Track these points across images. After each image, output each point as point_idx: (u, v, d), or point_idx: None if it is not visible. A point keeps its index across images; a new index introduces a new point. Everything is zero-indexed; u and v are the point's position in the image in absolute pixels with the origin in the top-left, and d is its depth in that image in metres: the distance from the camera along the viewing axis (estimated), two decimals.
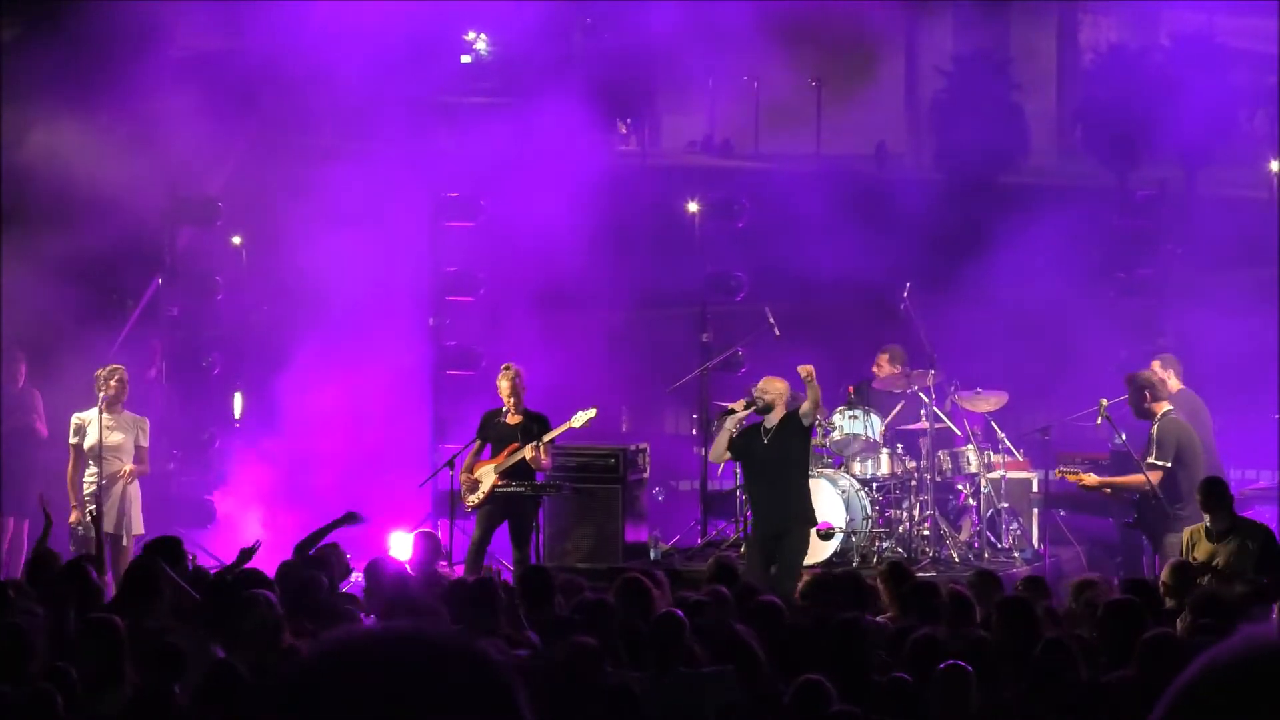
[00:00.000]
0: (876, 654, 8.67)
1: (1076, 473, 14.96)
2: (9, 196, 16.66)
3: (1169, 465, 14.01)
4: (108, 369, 14.57)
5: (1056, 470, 15.35)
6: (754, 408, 13.94)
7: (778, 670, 8.30)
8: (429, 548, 12.49)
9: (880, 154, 19.16)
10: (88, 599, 9.30)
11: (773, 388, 14.05)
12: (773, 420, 13.92)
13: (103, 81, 16.80)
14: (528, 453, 14.56)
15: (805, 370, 13.75)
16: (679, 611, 8.84)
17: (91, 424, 14.35)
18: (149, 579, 9.33)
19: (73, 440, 14.44)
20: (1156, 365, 15.14)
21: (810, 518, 14.00)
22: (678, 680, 8.24)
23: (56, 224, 16.42)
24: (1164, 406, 14.38)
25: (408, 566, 11.71)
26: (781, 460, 13.90)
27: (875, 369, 17.10)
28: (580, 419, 14.64)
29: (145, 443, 14.58)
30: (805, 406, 13.78)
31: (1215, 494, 12.31)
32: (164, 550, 10.39)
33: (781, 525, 13.77)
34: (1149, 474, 13.99)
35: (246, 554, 11.11)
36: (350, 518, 11.92)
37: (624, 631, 9.00)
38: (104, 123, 16.74)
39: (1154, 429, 14.26)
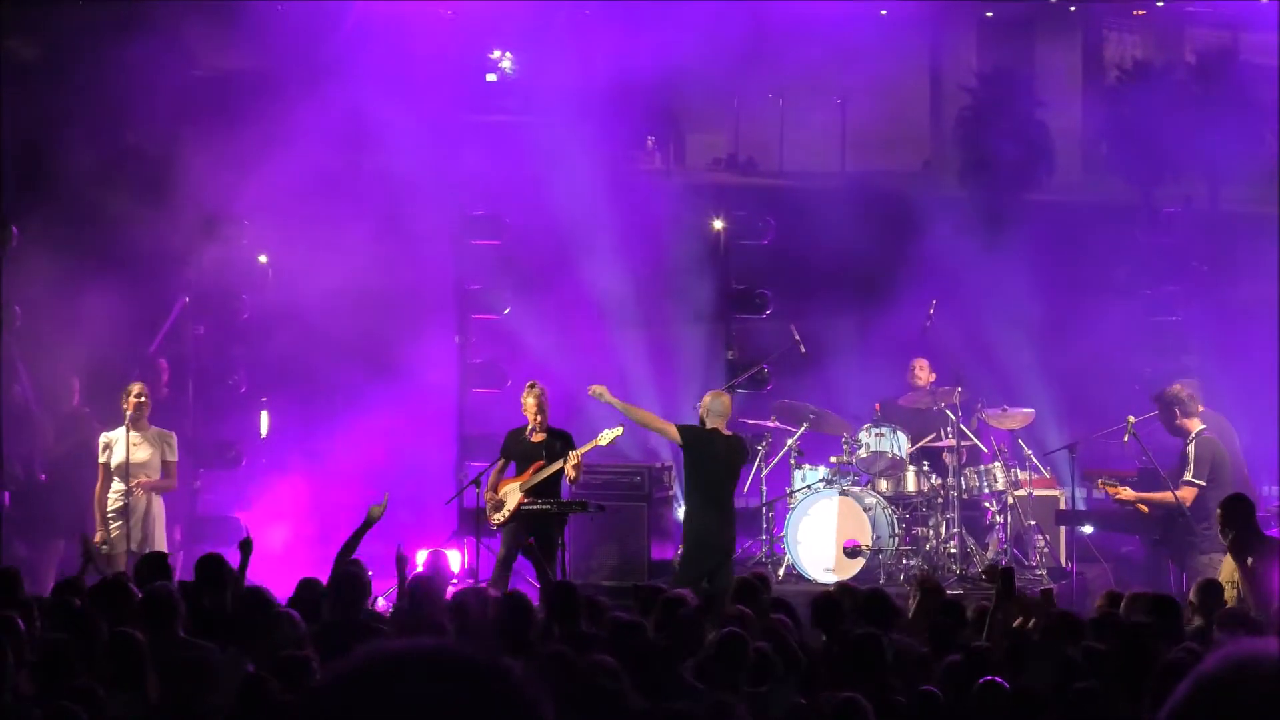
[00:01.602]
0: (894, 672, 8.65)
1: (1115, 485, 14.92)
2: (33, 216, 16.71)
3: (1204, 484, 13.97)
4: (129, 386, 14.66)
5: (1099, 482, 15.30)
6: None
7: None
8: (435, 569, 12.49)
9: (928, 169, 19.13)
10: (121, 615, 9.34)
11: (703, 402, 14.17)
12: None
13: (128, 101, 16.85)
14: (569, 471, 14.54)
15: (593, 391, 14.12)
16: (741, 630, 8.84)
17: (118, 442, 14.40)
18: (165, 598, 9.37)
19: (101, 459, 14.49)
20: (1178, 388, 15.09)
21: (696, 538, 14.03)
22: (743, 699, 8.23)
23: (82, 243, 16.47)
24: (1196, 424, 14.34)
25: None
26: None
27: (912, 377, 17.09)
28: (607, 437, 14.62)
29: (173, 457, 14.61)
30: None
31: (1230, 512, 12.23)
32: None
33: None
34: (1185, 491, 13.98)
35: (245, 547, 11.18)
36: (371, 515, 11.87)
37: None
38: (129, 142, 16.79)
39: (1189, 447, 14.20)
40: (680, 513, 17.00)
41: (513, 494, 14.70)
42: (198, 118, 17.46)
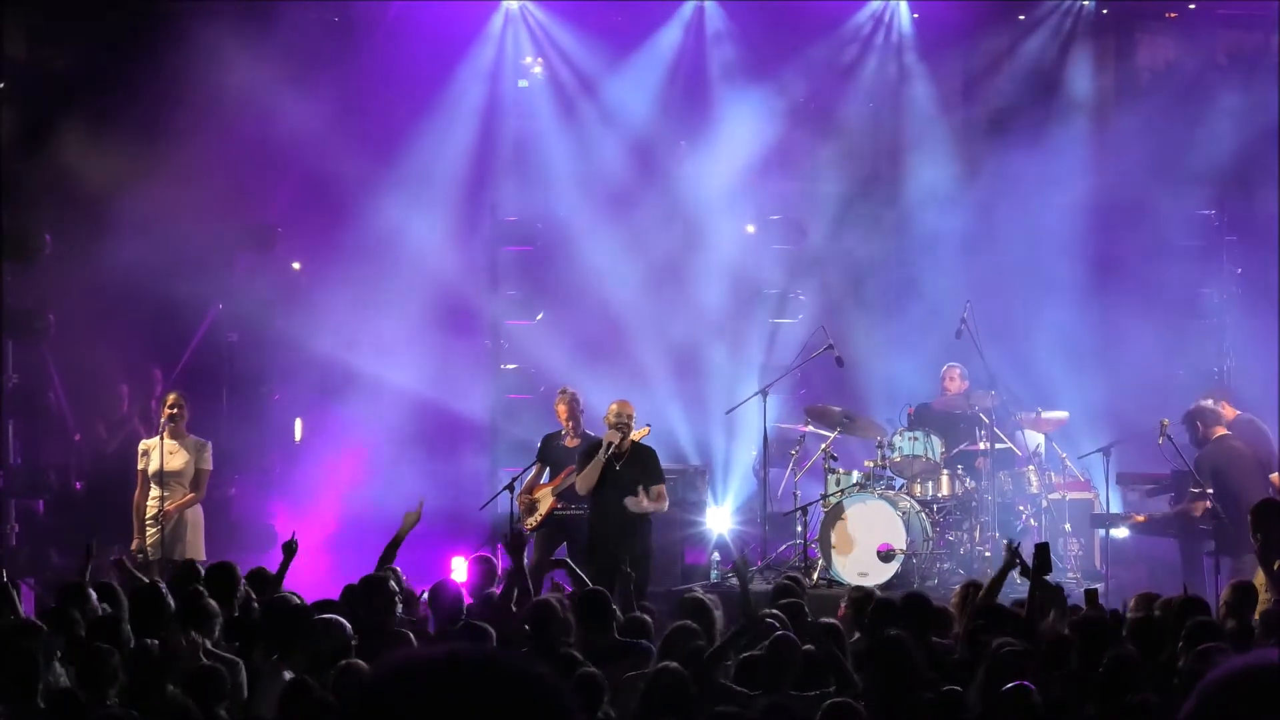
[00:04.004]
0: (929, 673, 8.67)
1: (1130, 516, 15.18)
2: (67, 222, 16.77)
3: (1205, 490, 13.91)
4: (165, 396, 14.72)
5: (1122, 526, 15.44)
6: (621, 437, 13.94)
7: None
8: (484, 572, 12.53)
9: (958, 171, 19.01)
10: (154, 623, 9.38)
11: (631, 414, 14.04)
12: (624, 446, 13.96)
13: (162, 109, 16.91)
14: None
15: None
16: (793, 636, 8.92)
17: (155, 449, 14.43)
18: (199, 605, 9.41)
19: (140, 465, 14.53)
20: (1207, 402, 15.05)
21: (651, 547, 13.99)
22: (789, 702, 8.28)
23: (116, 250, 16.52)
24: (1219, 433, 14.29)
25: (464, 590, 11.75)
26: (629, 488, 13.90)
27: (945, 382, 17.04)
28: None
29: (207, 466, 14.59)
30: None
31: (1260, 516, 12.15)
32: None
33: (622, 554, 13.41)
34: (1194, 503, 14.01)
35: (290, 549, 11.15)
36: (406, 522, 11.87)
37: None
38: (164, 149, 16.85)
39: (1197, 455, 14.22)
40: (708, 516, 16.98)
41: (545, 499, 14.73)
42: (229, 126, 17.50)
